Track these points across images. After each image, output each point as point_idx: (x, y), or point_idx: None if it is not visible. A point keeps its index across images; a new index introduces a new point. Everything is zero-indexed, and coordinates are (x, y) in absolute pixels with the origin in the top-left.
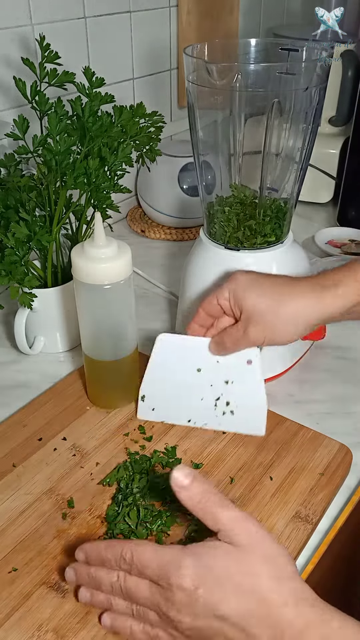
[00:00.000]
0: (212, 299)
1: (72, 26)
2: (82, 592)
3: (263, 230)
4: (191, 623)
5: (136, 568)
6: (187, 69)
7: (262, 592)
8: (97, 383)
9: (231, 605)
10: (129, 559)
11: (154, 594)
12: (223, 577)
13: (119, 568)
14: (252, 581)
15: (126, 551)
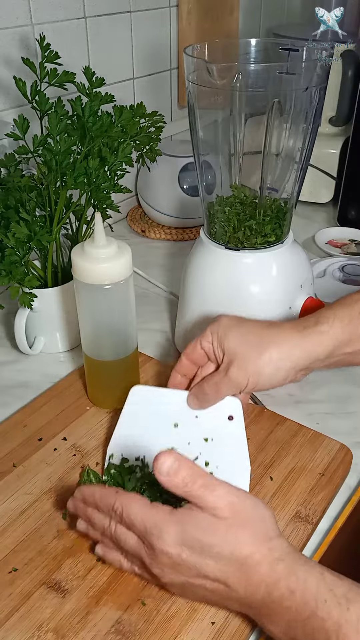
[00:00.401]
0: (195, 344)
1: (72, 26)
2: (80, 523)
3: (263, 230)
4: (173, 579)
5: (125, 522)
6: (187, 68)
7: (241, 557)
8: (97, 383)
9: (211, 568)
10: (119, 513)
11: (140, 548)
12: (205, 546)
13: (111, 517)
14: (231, 548)
15: (117, 505)
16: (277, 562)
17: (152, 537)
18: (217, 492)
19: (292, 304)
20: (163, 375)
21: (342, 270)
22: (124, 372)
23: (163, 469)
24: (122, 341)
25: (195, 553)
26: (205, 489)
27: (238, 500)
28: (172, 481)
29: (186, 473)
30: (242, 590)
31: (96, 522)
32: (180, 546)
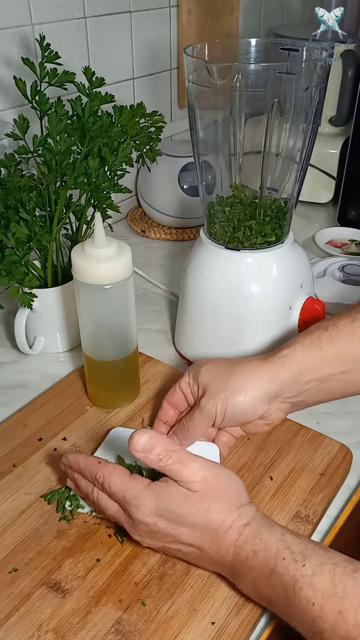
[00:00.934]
0: (174, 388)
1: (72, 26)
2: (69, 481)
3: (263, 231)
4: (151, 544)
5: (106, 490)
6: (188, 68)
7: (213, 525)
8: (97, 383)
9: (186, 536)
10: (101, 482)
11: (120, 515)
12: (180, 517)
13: (94, 484)
14: (204, 518)
15: (100, 475)
16: (244, 527)
17: (130, 507)
18: (191, 467)
19: (292, 304)
20: (163, 375)
21: (342, 270)
22: (124, 372)
23: (138, 445)
24: (122, 341)
25: (171, 523)
26: (180, 464)
27: (210, 474)
28: (147, 457)
29: (161, 449)
30: (215, 554)
31: (81, 486)
32: (157, 516)
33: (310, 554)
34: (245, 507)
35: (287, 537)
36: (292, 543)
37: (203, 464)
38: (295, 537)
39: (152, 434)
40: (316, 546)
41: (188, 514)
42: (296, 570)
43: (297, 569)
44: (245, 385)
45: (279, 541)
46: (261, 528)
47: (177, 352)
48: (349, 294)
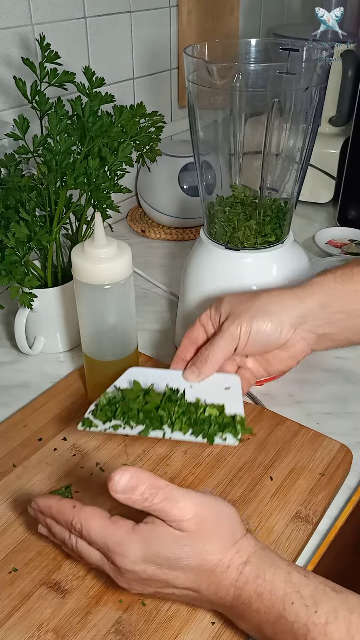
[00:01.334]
0: (196, 323)
1: (72, 26)
2: (41, 527)
3: (263, 230)
4: (141, 590)
5: (85, 538)
6: (188, 68)
7: (209, 566)
8: (97, 383)
9: (180, 580)
10: (78, 529)
11: (104, 564)
12: (172, 561)
13: (70, 531)
14: (199, 560)
15: (76, 522)
16: (244, 565)
17: (115, 555)
18: (181, 504)
19: None
20: None
21: None
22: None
23: (119, 486)
24: (122, 341)
25: (162, 568)
26: (168, 502)
27: (202, 509)
28: (130, 499)
29: (145, 487)
30: (213, 596)
31: (56, 533)
32: (146, 563)
33: (321, 598)
34: (242, 541)
35: (294, 577)
36: (301, 584)
37: (193, 498)
38: (302, 575)
39: (133, 472)
40: (327, 586)
41: (181, 556)
42: (307, 618)
43: (309, 616)
44: (272, 306)
45: (285, 582)
46: (263, 566)
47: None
48: None
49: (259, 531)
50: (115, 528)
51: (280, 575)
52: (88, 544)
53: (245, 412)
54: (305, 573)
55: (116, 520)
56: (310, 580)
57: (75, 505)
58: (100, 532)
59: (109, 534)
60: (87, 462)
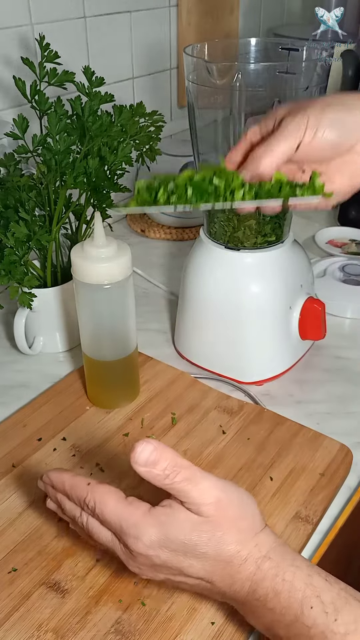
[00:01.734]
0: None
1: (72, 26)
2: (50, 502)
3: (263, 230)
4: (152, 576)
5: (98, 517)
6: (187, 68)
7: (226, 557)
8: (97, 383)
9: (195, 569)
10: (91, 508)
11: (114, 544)
12: (189, 547)
13: (82, 508)
14: (217, 549)
15: (89, 499)
16: (263, 559)
17: (128, 537)
18: (202, 486)
19: (292, 303)
20: (163, 375)
21: (342, 270)
22: (124, 372)
23: (141, 459)
24: (122, 341)
25: (177, 554)
26: (189, 483)
27: (224, 495)
28: (151, 472)
29: (167, 464)
30: (227, 588)
31: (66, 509)
32: (161, 548)
33: (343, 607)
34: (261, 534)
35: (315, 580)
36: (322, 589)
37: (215, 482)
38: (324, 579)
39: (157, 445)
40: (348, 594)
41: (199, 543)
42: (326, 626)
43: (328, 625)
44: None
45: (305, 584)
46: (283, 564)
47: (177, 352)
48: (349, 294)
49: None
50: (132, 509)
51: (300, 576)
52: (100, 524)
53: (245, 412)
54: (326, 577)
55: (132, 501)
56: (332, 585)
57: (90, 482)
58: (115, 512)
59: (125, 514)
60: (86, 462)
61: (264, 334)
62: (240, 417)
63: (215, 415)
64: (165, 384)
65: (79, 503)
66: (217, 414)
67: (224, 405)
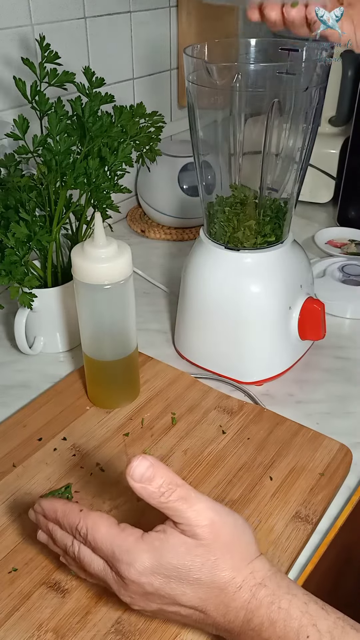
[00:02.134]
0: None
1: (72, 26)
2: (41, 534)
3: (263, 231)
4: (144, 607)
5: (90, 544)
6: (187, 69)
7: (220, 583)
8: (97, 383)
9: (188, 597)
10: (83, 534)
11: (106, 574)
12: (183, 574)
13: (74, 536)
14: (211, 575)
15: (82, 526)
16: (259, 587)
17: (121, 564)
18: (197, 507)
19: (292, 304)
20: (163, 375)
21: (342, 270)
22: (124, 372)
23: (136, 474)
24: (122, 341)
25: (170, 581)
26: (184, 502)
27: (219, 518)
28: (146, 489)
29: (163, 481)
30: (221, 617)
31: (58, 539)
32: (154, 574)
33: (340, 636)
34: (256, 561)
35: (311, 608)
36: (318, 617)
37: (211, 504)
38: (320, 607)
39: (152, 462)
40: (346, 623)
41: (193, 568)
42: None
43: None
44: None
45: (302, 613)
46: (279, 591)
47: (177, 352)
48: (349, 294)
49: (259, 531)
50: (124, 535)
51: (297, 604)
52: (92, 551)
53: (245, 412)
54: (322, 605)
55: (125, 528)
56: (329, 614)
57: (82, 509)
58: (108, 538)
59: (117, 540)
60: (87, 462)
61: (264, 334)
62: (240, 417)
63: (215, 415)
64: (166, 384)
65: (71, 530)
66: (217, 414)
67: (224, 405)
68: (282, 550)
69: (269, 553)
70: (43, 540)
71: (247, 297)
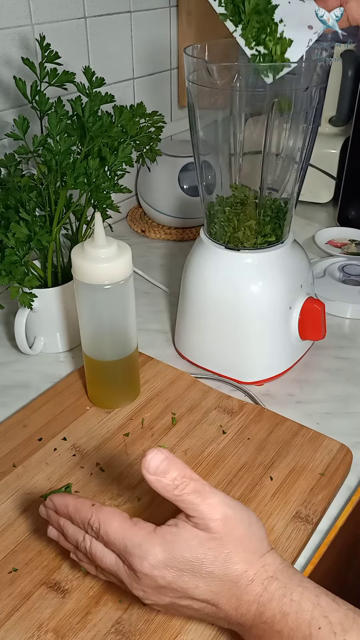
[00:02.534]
0: None
1: (72, 26)
2: (52, 530)
3: (263, 231)
4: (156, 601)
5: (102, 539)
6: (187, 69)
7: (233, 576)
8: (97, 383)
9: (200, 590)
10: (95, 529)
11: (118, 568)
12: (195, 566)
13: (86, 531)
14: (223, 568)
15: (94, 520)
16: (270, 580)
17: (133, 557)
18: (211, 501)
19: (292, 304)
20: (163, 375)
21: (342, 270)
22: (124, 372)
23: (151, 466)
24: (122, 341)
25: (182, 575)
26: (198, 496)
27: (232, 513)
28: (160, 481)
29: (177, 474)
30: (233, 611)
31: (69, 534)
32: (167, 568)
33: (351, 627)
34: (268, 555)
35: (322, 600)
36: (329, 609)
37: (224, 499)
38: (331, 600)
39: (167, 455)
40: (356, 614)
41: (205, 561)
42: None
43: None
44: None
45: (313, 605)
46: (290, 584)
47: (177, 352)
48: (349, 294)
49: None
50: (137, 529)
51: (308, 596)
52: (104, 546)
53: (245, 412)
54: (333, 598)
55: (137, 522)
56: (340, 606)
57: (95, 504)
58: (120, 532)
59: (130, 534)
60: (87, 462)
61: (264, 334)
62: (241, 417)
63: (216, 415)
64: (166, 384)
65: (83, 525)
66: (217, 414)
67: (224, 405)
68: (282, 550)
69: None
70: (54, 537)
71: (248, 297)
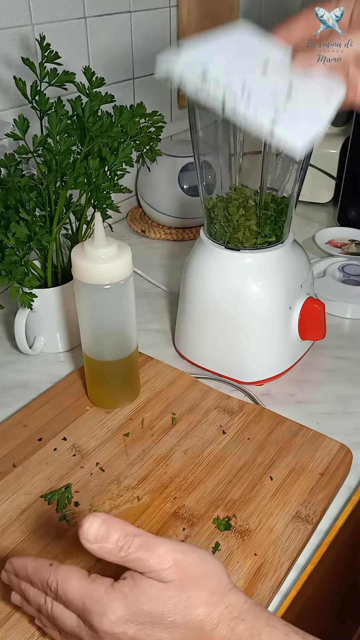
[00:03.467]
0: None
1: (72, 26)
2: (15, 596)
3: (263, 231)
4: None
5: (61, 599)
6: None
7: (196, 622)
8: (97, 383)
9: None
10: (54, 589)
11: (80, 629)
12: (157, 619)
13: (46, 593)
14: (185, 615)
15: (52, 580)
16: (236, 621)
17: (93, 616)
18: (159, 552)
19: (292, 304)
20: (163, 376)
21: (342, 270)
22: (124, 372)
23: (90, 534)
24: (122, 341)
25: (145, 628)
26: (145, 550)
27: (183, 557)
28: (104, 548)
29: (118, 535)
30: None
31: (31, 598)
32: (127, 623)
33: None
34: (230, 594)
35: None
36: None
37: (172, 545)
38: (300, 638)
39: (104, 518)
40: None
41: (165, 611)
42: None
43: None
44: None
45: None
46: (258, 624)
47: (177, 352)
48: (349, 294)
49: (259, 531)
50: (94, 586)
51: (277, 635)
52: (64, 607)
53: (245, 412)
54: (303, 635)
55: (95, 578)
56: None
57: (53, 564)
58: (78, 589)
59: (88, 592)
60: (87, 462)
61: (264, 334)
62: (241, 417)
63: (216, 415)
64: (166, 384)
65: (42, 587)
66: (217, 414)
67: (224, 405)
68: (282, 550)
69: (269, 553)
70: (17, 602)
71: (248, 297)
